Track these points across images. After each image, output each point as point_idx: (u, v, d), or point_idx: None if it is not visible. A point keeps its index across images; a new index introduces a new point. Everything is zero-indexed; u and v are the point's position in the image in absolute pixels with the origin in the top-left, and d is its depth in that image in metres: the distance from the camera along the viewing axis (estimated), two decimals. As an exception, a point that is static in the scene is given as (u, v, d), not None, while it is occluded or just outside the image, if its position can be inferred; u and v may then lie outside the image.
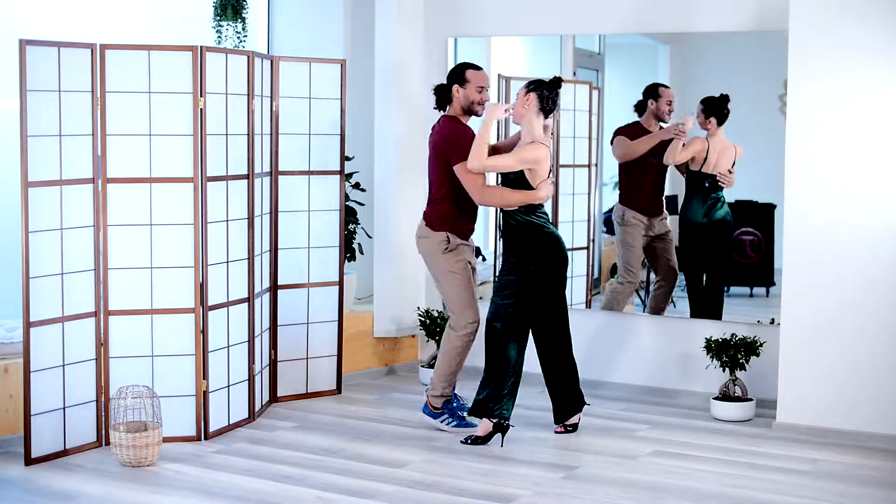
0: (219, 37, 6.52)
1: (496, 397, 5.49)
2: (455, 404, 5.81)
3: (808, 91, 5.73)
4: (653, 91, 6.68)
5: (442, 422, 5.77)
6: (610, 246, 7.50)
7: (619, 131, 6.78)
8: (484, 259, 7.63)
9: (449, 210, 5.67)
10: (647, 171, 6.72)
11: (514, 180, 5.47)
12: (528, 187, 5.44)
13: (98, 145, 5.32)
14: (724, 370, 6.08)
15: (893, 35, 5.54)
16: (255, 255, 5.86)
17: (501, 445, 5.49)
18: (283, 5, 7.48)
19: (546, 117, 5.48)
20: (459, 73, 5.65)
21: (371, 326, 6.99)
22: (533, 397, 6.53)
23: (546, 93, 5.41)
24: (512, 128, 7.21)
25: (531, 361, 7.06)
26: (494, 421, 5.49)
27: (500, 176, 5.73)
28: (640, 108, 6.72)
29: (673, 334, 6.56)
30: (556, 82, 5.44)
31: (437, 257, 5.68)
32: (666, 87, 6.69)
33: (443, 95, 5.68)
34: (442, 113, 5.74)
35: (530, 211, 5.48)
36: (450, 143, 5.55)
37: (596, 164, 7.16)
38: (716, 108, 6.47)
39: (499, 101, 7.12)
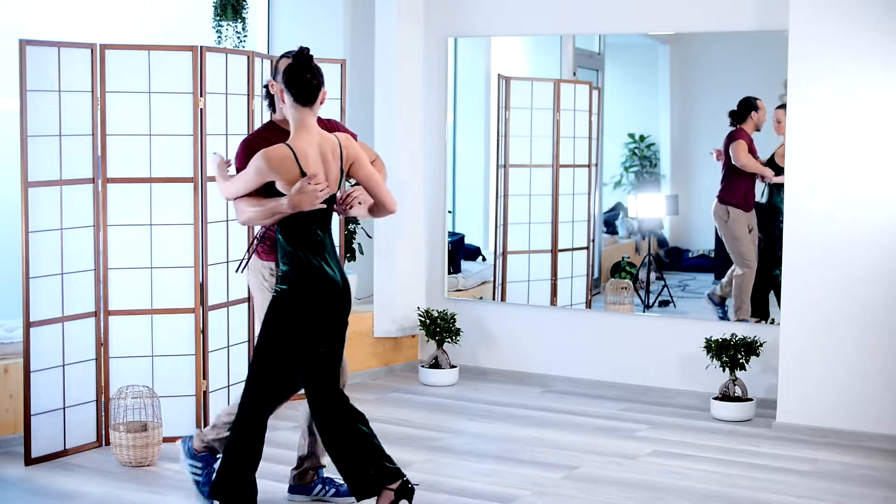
0: (219, 37, 6.52)
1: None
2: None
3: (808, 91, 5.73)
4: (753, 105, 6.54)
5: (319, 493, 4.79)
6: (610, 246, 7.51)
7: (739, 136, 6.57)
8: (484, 259, 7.63)
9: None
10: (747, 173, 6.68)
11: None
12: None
13: (98, 145, 5.32)
14: (724, 370, 6.07)
15: (893, 35, 5.54)
16: (255, 255, 5.85)
17: None
18: (283, 5, 7.48)
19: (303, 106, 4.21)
20: (275, 65, 4.42)
21: (371, 326, 6.98)
22: (534, 397, 6.54)
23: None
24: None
25: (535, 361, 7.08)
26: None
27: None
28: (739, 117, 6.57)
29: (673, 334, 6.56)
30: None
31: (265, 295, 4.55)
32: (759, 99, 6.55)
33: (271, 94, 4.54)
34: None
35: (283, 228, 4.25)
36: (237, 152, 4.43)
37: (596, 164, 7.17)
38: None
39: (499, 100, 7.12)
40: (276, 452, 5.37)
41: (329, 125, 4.51)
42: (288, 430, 5.78)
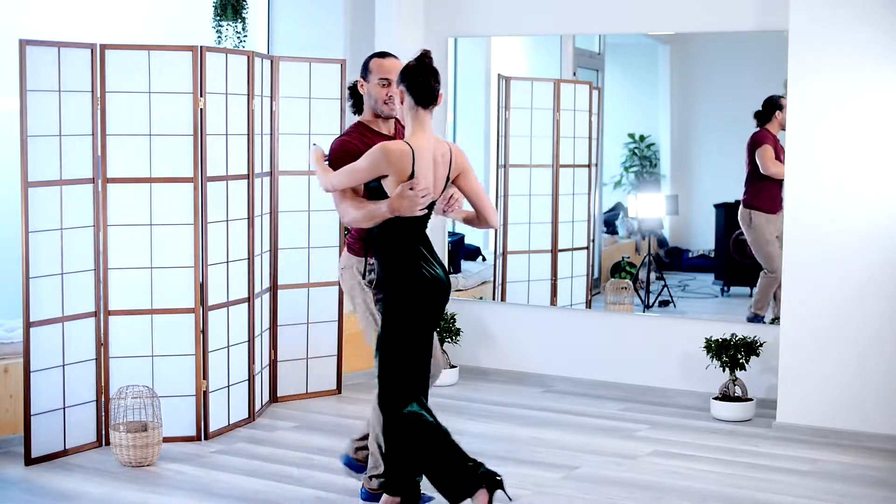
0: (219, 37, 6.52)
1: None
2: None
3: (808, 91, 5.73)
4: (777, 103, 6.41)
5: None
6: (610, 246, 7.51)
7: (764, 140, 6.47)
8: (484, 259, 7.64)
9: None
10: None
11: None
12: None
13: (98, 145, 5.32)
14: (724, 370, 6.07)
15: (893, 35, 5.54)
16: (255, 255, 5.86)
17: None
18: (283, 5, 7.48)
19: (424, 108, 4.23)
20: (364, 65, 4.55)
21: (371, 326, 6.98)
22: (534, 397, 6.53)
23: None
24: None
25: (535, 361, 7.07)
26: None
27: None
28: (763, 117, 6.48)
29: (673, 334, 6.55)
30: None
31: (359, 292, 4.58)
32: (784, 97, 6.33)
33: (357, 95, 4.62)
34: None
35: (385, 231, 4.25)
36: (330, 157, 4.43)
37: (596, 164, 7.16)
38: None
39: (499, 100, 7.12)
40: (276, 452, 5.38)
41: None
42: (287, 430, 5.79)
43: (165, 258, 5.46)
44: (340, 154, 4.36)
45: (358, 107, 4.60)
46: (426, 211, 4.19)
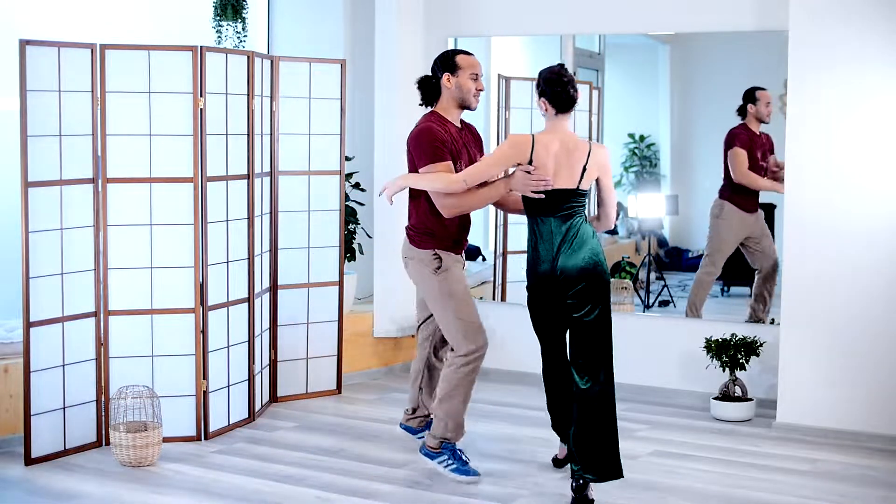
0: (219, 37, 6.52)
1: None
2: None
3: (808, 91, 5.74)
4: (750, 95, 6.48)
5: (440, 463, 5.04)
6: (610, 246, 7.51)
7: (736, 140, 6.49)
8: (484, 259, 7.63)
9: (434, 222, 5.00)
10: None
11: None
12: None
13: (98, 145, 5.33)
14: (724, 370, 6.08)
15: (893, 35, 5.54)
16: (255, 255, 5.86)
17: None
18: (283, 5, 7.48)
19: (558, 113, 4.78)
20: (449, 61, 5.00)
21: (371, 326, 6.99)
22: (534, 397, 6.53)
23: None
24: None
25: (536, 361, 7.06)
26: None
27: None
28: (741, 111, 6.51)
29: (673, 334, 6.56)
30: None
31: (429, 280, 5.02)
32: (763, 89, 6.46)
33: (429, 89, 5.04)
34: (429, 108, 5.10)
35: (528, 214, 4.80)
36: (415, 142, 4.95)
37: (596, 164, 7.15)
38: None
39: (499, 100, 7.13)
40: (276, 452, 5.38)
41: (470, 129, 5.15)
42: (287, 430, 5.79)
43: (165, 258, 5.46)
44: (432, 137, 4.85)
45: (427, 99, 5.05)
46: (542, 196, 4.59)
